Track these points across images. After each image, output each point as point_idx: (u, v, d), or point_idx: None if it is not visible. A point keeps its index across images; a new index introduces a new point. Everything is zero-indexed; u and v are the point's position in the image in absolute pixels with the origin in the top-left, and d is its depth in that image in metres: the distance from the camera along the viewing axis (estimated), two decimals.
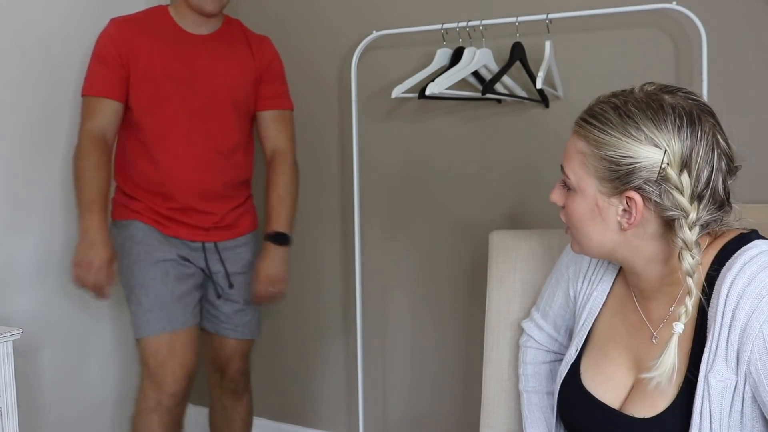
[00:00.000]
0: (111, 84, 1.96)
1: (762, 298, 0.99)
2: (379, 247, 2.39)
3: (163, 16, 2.04)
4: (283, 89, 2.17)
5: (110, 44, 1.97)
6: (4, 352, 1.80)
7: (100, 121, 1.97)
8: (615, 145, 1.05)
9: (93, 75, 1.99)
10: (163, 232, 2.02)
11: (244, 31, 2.13)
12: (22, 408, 1.90)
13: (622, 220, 1.08)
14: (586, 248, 1.16)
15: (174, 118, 1.99)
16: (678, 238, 1.04)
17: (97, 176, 1.94)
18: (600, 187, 1.08)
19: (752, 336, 0.99)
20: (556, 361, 1.44)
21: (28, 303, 2.20)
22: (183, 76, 1.98)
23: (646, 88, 1.10)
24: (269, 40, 2.17)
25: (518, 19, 1.90)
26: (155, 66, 1.97)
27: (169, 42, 1.99)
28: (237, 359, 2.17)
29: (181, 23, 2.03)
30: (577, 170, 1.11)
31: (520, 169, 2.15)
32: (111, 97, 1.97)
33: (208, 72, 2.01)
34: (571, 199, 1.13)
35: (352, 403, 2.49)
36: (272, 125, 2.13)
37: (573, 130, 1.13)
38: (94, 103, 1.98)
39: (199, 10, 1.97)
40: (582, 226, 1.13)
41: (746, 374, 1.01)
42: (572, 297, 1.33)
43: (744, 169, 1.85)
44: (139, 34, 1.98)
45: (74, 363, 2.36)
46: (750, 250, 1.03)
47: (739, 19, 1.85)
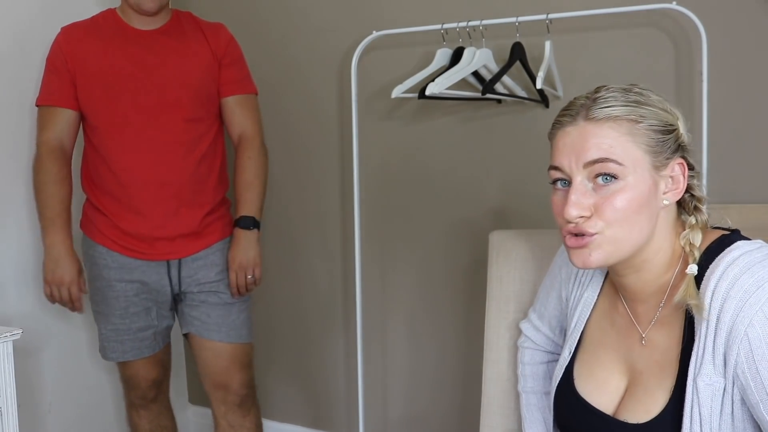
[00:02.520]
0: (62, 92, 1.94)
1: (746, 301, 0.99)
2: (379, 247, 2.39)
3: (111, 16, 2.02)
4: (243, 73, 2.10)
5: (58, 52, 1.95)
6: (4, 352, 1.80)
7: (56, 131, 1.95)
8: (653, 116, 1.07)
9: (45, 85, 1.98)
10: (126, 255, 1.98)
11: (196, 21, 2.08)
12: (22, 408, 1.90)
13: (669, 193, 1.09)
14: (623, 246, 1.06)
15: (125, 116, 1.93)
16: (700, 214, 1.10)
17: (58, 191, 1.93)
18: (654, 161, 1.07)
19: (738, 339, 0.99)
20: (553, 361, 1.44)
21: (28, 303, 2.20)
22: (132, 74, 1.94)
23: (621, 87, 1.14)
24: (223, 26, 2.10)
25: (518, 19, 1.90)
26: (103, 66, 1.94)
27: (117, 41, 1.96)
28: (236, 370, 2.05)
29: (128, 21, 1.99)
30: (630, 152, 1.05)
31: (520, 169, 2.15)
32: (63, 105, 1.95)
33: (158, 66, 1.96)
34: (621, 192, 1.05)
35: (352, 403, 2.49)
36: (237, 110, 2.06)
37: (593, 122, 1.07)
38: (47, 113, 1.96)
39: (138, 9, 1.94)
40: (637, 215, 1.05)
41: (734, 377, 1.01)
42: (564, 299, 1.33)
43: (744, 169, 1.86)
44: (86, 37, 1.96)
45: (74, 363, 2.36)
46: (732, 252, 1.03)
47: (739, 19, 1.85)
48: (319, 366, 2.57)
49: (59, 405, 2.32)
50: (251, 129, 2.07)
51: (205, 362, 2.05)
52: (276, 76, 2.50)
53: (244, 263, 1.99)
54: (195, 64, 1.99)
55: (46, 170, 1.93)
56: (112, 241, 1.98)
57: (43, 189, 1.93)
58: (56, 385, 2.30)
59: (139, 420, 2.16)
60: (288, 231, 2.54)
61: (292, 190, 2.53)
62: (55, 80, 1.95)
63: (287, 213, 2.55)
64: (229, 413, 2.08)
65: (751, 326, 0.98)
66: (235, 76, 2.06)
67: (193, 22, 2.07)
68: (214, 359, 2.04)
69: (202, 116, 2.00)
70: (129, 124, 1.94)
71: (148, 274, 2.00)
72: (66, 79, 1.94)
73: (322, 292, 2.52)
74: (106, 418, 2.48)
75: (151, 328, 2.05)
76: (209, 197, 2.02)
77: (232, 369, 2.04)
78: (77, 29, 1.99)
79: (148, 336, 2.05)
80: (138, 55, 1.95)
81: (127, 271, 1.99)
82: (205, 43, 2.02)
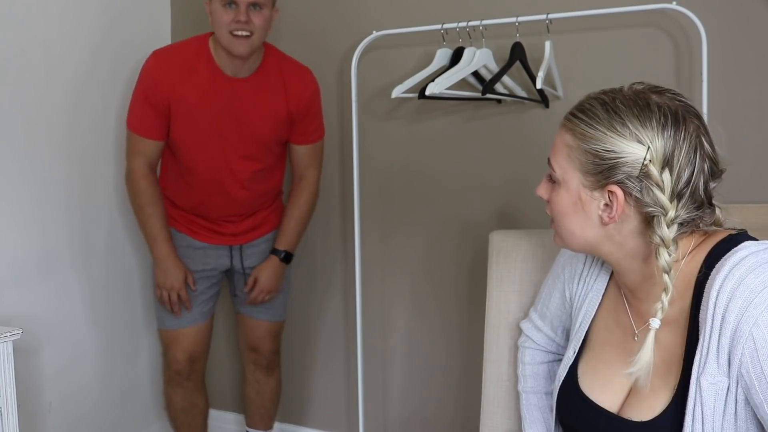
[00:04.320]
0: (156, 126, 2.11)
1: (751, 301, 0.99)
2: (378, 247, 2.39)
3: (205, 55, 2.09)
4: (315, 124, 2.24)
5: (156, 88, 2.06)
6: (4, 352, 1.80)
7: (148, 157, 2.15)
8: (600, 139, 1.07)
9: (139, 114, 2.12)
10: (194, 238, 2.25)
11: (281, 68, 2.15)
12: (22, 408, 1.90)
13: (603, 215, 1.10)
14: (568, 241, 1.17)
15: (208, 149, 2.13)
16: (656, 234, 1.06)
17: (156, 210, 2.17)
18: (583, 180, 1.10)
19: (742, 339, 0.99)
20: (554, 361, 1.44)
21: (28, 303, 2.20)
22: (220, 117, 2.09)
23: (635, 87, 1.12)
24: (308, 75, 2.20)
25: (518, 19, 1.90)
26: (195, 108, 2.08)
27: (211, 87, 2.08)
28: (269, 340, 2.37)
29: (220, 64, 2.08)
30: (562, 163, 1.13)
31: (520, 169, 2.15)
32: (157, 138, 2.13)
33: (240, 119, 2.11)
34: (556, 192, 1.15)
35: (352, 403, 2.49)
36: (303, 158, 2.25)
37: (561, 124, 1.15)
38: (141, 141, 2.14)
39: (229, 52, 2.03)
40: (564, 218, 1.15)
41: (738, 377, 1.01)
42: (568, 298, 1.33)
43: (744, 169, 1.85)
44: (183, 79, 2.06)
45: (74, 363, 2.36)
46: (739, 252, 1.03)
47: (739, 19, 1.85)
48: (320, 366, 2.57)
49: (59, 405, 2.32)
50: (313, 175, 2.28)
51: (244, 331, 2.40)
52: None
53: (266, 288, 2.26)
54: (271, 120, 2.14)
55: (142, 193, 2.16)
56: (185, 227, 2.26)
57: (142, 210, 2.17)
58: (56, 385, 2.30)
59: (175, 396, 2.35)
60: None
61: None
62: (151, 114, 2.09)
63: None
64: (257, 371, 2.42)
65: (756, 326, 0.98)
66: (306, 129, 2.22)
67: (278, 70, 2.15)
68: (253, 330, 2.37)
69: (271, 163, 2.22)
70: (207, 160, 2.15)
71: (211, 254, 2.28)
72: (162, 115, 2.09)
73: (322, 292, 2.52)
74: (106, 418, 2.48)
75: (207, 302, 2.31)
76: (268, 204, 2.31)
77: (267, 339, 2.37)
78: (174, 68, 2.07)
79: (203, 306, 2.29)
80: (226, 103, 2.09)
81: (194, 252, 2.26)
82: (284, 99, 2.14)
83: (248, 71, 2.10)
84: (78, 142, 2.33)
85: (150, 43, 2.58)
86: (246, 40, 1.99)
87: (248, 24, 1.98)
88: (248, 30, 1.98)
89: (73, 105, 2.31)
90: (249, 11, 1.98)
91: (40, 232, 2.24)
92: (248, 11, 1.98)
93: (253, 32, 1.99)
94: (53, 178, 2.26)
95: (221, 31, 2.00)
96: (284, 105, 2.13)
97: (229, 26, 1.98)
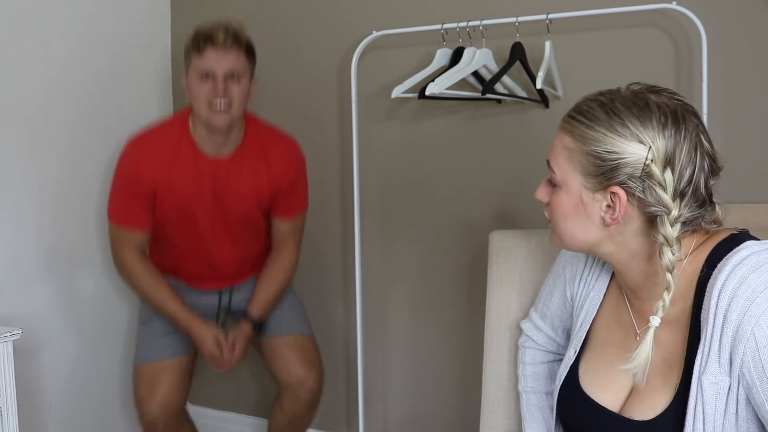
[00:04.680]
0: (142, 216, 2.07)
1: (753, 300, 0.99)
2: (378, 247, 2.39)
3: (184, 137, 2.05)
4: (300, 198, 2.20)
5: (137, 179, 2.02)
6: (4, 352, 1.80)
7: (137, 245, 2.11)
8: (600, 141, 1.07)
9: (122, 206, 2.08)
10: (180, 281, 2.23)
11: (264, 145, 2.10)
12: (22, 408, 1.90)
13: (606, 216, 1.10)
14: (568, 243, 1.17)
15: (192, 228, 2.11)
16: (659, 234, 1.06)
17: (159, 285, 2.11)
18: (585, 182, 1.10)
19: (744, 338, 0.99)
20: (554, 361, 1.44)
21: (28, 303, 2.20)
22: (204, 199, 2.07)
23: (633, 87, 1.12)
24: (291, 152, 2.15)
25: (518, 19, 1.90)
26: (179, 193, 2.04)
27: (193, 170, 2.04)
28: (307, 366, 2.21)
29: (201, 144, 2.04)
30: (562, 165, 1.12)
31: (520, 169, 2.15)
32: (144, 228, 2.10)
33: (226, 195, 2.08)
34: (556, 195, 1.14)
35: (352, 403, 2.49)
36: (283, 230, 2.20)
37: (560, 127, 1.15)
38: (126, 233, 2.10)
39: (208, 126, 1.99)
40: (565, 221, 1.14)
41: (739, 376, 1.01)
42: (569, 298, 1.33)
43: (744, 169, 1.85)
44: (165, 166, 2.02)
45: (74, 363, 2.36)
46: (741, 252, 1.03)
47: (739, 19, 1.85)
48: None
49: (59, 405, 2.32)
50: (291, 249, 2.22)
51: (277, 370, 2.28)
52: (276, 75, 2.50)
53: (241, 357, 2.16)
54: (254, 199, 2.11)
55: (140, 278, 2.10)
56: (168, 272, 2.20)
57: (149, 293, 2.11)
58: (56, 385, 2.30)
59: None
60: None
61: None
62: (135, 205, 2.06)
63: None
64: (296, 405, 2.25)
65: (758, 326, 0.98)
66: (289, 202, 2.18)
67: (260, 146, 2.10)
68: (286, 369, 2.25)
69: (256, 231, 2.20)
70: (192, 235, 2.12)
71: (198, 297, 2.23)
72: (147, 205, 2.05)
73: (322, 292, 2.52)
74: (106, 418, 2.48)
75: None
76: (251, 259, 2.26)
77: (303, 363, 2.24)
78: (155, 156, 2.02)
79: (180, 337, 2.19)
80: (210, 185, 2.06)
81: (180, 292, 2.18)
82: (267, 176, 2.10)
83: (230, 149, 2.05)
84: (78, 142, 2.33)
85: (150, 43, 2.59)
86: (224, 114, 1.95)
87: (226, 95, 1.94)
88: (226, 101, 1.94)
89: (73, 105, 2.32)
90: (227, 83, 1.94)
91: (40, 232, 2.24)
92: (226, 82, 1.94)
93: (231, 104, 1.95)
94: (53, 178, 2.26)
95: (199, 105, 1.96)
96: (267, 182, 2.10)
97: (206, 99, 1.94)
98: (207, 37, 1.94)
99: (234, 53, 1.94)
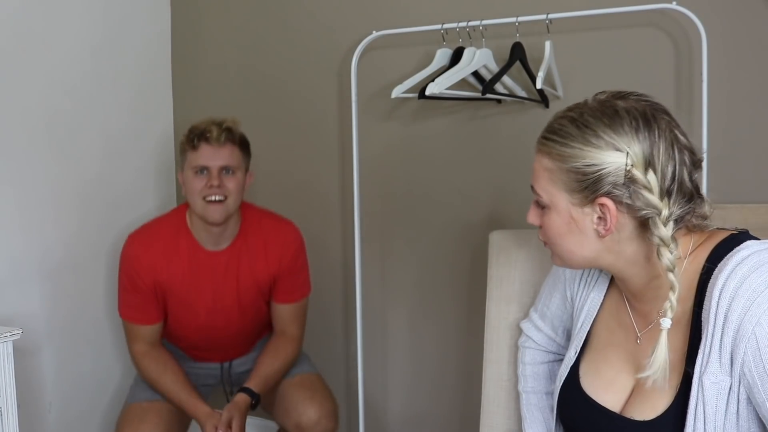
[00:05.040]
0: (149, 310, 2.08)
1: (754, 300, 0.99)
2: (378, 247, 2.39)
3: (182, 232, 2.08)
4: (300, 281, 2.19)
5: (138, 275, 2.04)
6: (4, 352, 1.80)
7: (149, 339, 2.10)
8: (578, 156, 1.08)
9: (128, 303, 2.09)
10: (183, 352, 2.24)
11: (261, 234, 2.11)
12: (22, 408, 1.90)
13: (599, 228, 1.10)
14: (568, 261, 1.17)
15: (193, 320, 2.12)
16: (654, 236, 1.06)
17: (175, 378, 2.07)
18: (571, 199, 1.11)
19: (745, 338, 0.99)
20: (554, 361, 1.44)
21: (28, 303, 2.20)
22: (204, 292, 2.08)
23: (599, 97, 1.13)
24: (288, 238, 2.15)
25: (518, 19, 1.90)
26: (179, 287, 2.07)
27: (192, 264, 2.07)
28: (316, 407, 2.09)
29: (199, 239, 2.07)
30: (546, 187, 1.13)
31: (520, 170, 2.14)
32: (153, 322, 2.10)
33: (225, 287, 2.10)
34: (547, 217, 1.15)
35: (352, 403, 2.49)
36: (285, 316, 2.18)
37: (536, 149, 1.16)
38: (136, 327, 2.10)
39: (204, 220, 2.01)
40: (561, 240, 1.15)
41: (740, 376, 1.01)
42: (569, 299, 1.33)
43: (744, 169, 1.86)
44: (164, 261, 2.05)
45: (74, 363, 2.36)
46: (741, 251, 1.03)
47: (739, 19, 1.85)
48: (319, 366, 2.56)
49: (59, 405, 2.32)
50: (295, 332, 2.19)
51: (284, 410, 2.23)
52: (276, 75, 2.50)
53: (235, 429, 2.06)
54: (254, 288, 2.12)
55: (153, 371, 2.08)
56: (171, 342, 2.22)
57: (165, 387, 2.06)
58: (56, 385, 2.30)
59: None
60: None
61: (293, 189, 2.53)
62: (140, 300, 2.07)
63: (287, 212, 2.55)
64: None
65: (759, 325, 0.98)
66: (290, 287, 2.16)
67: (257, 235, 2.11)
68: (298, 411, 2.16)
69: (258, 315, 2.18)
70: (193, 328, 2.14)
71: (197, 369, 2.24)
72: (151, 299, 2.07)
73: (322, 292, 2.52)
74: (106, 418, 2.48)
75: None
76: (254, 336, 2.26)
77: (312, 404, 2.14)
78: (154, 252, 2.05)
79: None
80: (209, 279, 2.08)
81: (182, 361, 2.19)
82: (265, 265, 2.11)
83: (227, 241, 2.08)
84: (78, 142, 2.34)
85: (150, 43, 2.59)
86: (220, 205, 1.97)
87: (221, 188, 1.96)
88: (221, 194, 1.96)
89: (74, 105, 2.32)
90: (221, 176, 1.97)
91: (40, 232, 2.24)
92: (221, 176, 1.97)
93: (226, 197, 1.97)
94: (53, 178, 2.26)
95: (195, 199, 1.98)
96: (265, 270, 2.11)
97: (201, 192, 1.97)
98: (201, 133, 1.98)
99: (228, 148, 1.99)
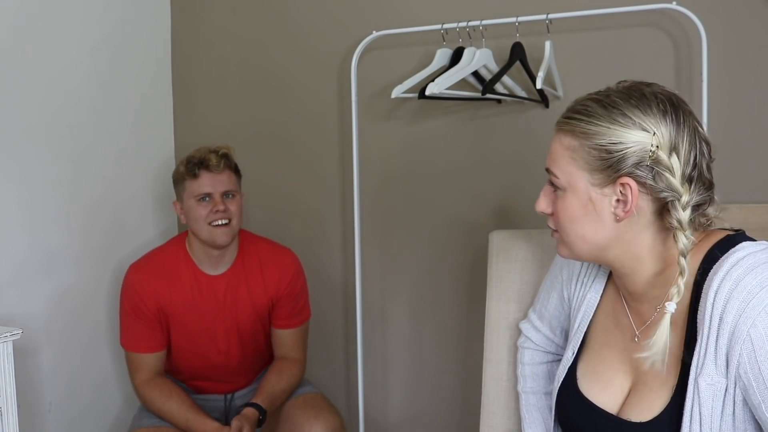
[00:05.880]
0: (151, 338, 2.11)
1: (749, 302, 0.99)
2: (378, 247, 2.39)
3: (182, 258, 2.12)
4: (299, 306, 2.21)
5: (140, 303, 2.08)
6: (4, 352, 1.80)
7: (152, 368, 2.12)
8: (604, 134, 1.07)
9: (131, 332, 2.11)
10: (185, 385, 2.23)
11: (259, 257, 2.16)
12: (22, 408, 1.90)
13: (617, 211, 1.09)
14: (578, 249, 1.15)
15: (195, 346, 2.14)
16: (673, 219, 1.06)
17: (180, 405, 2.06)
18: (591, 179, 1.09)
19: (740, 340, 0.99)
20: (553, 361, 1.44)
21: (28, 303, 2.20)
22: (205, 317, 2.11)
23: (623, 84, 1.12)
24: (286, 262, 2.19)
25: (518, 19, 1.90)
26: (181, 313, 2.10)
27: (193, 289, 2.11)
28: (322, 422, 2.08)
29: (199, 264, 2.12)
30: (565, 167, 1.12)
31: (520, 169, 2.15)
32: (156, 350, 2.12)
33: (225, 311, 2.13)
34: (561, 200, 1.13)
35: (352, 403, 2.49)
36: (287, 341, 2.21)
37: (557, 130, 1.15)
38: (138, 356, 2.12)
39: (212, 245, 2.06)
40: (575, 225, 1.13)
41: (736, 378, 1.01)
42: (566, 299, 1.33)
43: (744, 169, 1.86)
44: (166, 287, 2.09)
45: (74, 363, 2.36)
46: (737, 253, 1.03)
47: (739, 19, 1.85)
48: (319, 366, 2.56)
49: (59, 405, 2.32)
50: (297, 356, 2.22)
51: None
52: (276, 75, 2.50)
53: None
54: (254, 313, 2.15)
55: (157, 398, 2.08)
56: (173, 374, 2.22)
57: (171, 412, 2.06)
58: (56, 385, 2.30)
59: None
60: (288, 230, 2.54)
61: (292, 189, 2.53)
62: (142, 328, 2.10)
63: (287, 212, 2.55)
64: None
65: (754, 327, 0.98)
66: (290, 311, 2.19)
67: (255, 259, 2.16)
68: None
69: (259, 341, 2.20)
70: (196, 350, 2.15)
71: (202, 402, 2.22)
72: (154, 327, 2.10)
73: (322, 292, 2.52)
74: (106, 418, 2.48)
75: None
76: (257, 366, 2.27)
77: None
78: (156, 279, 2.09)
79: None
80: (211, 304, 2.12)
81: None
82: (263, 289, 2.15)
83: (227, 265, 2.13)
84: (78, 142, 2.34)
85: (150, 42, 2.59)
86: (226, 228, 2.04)
87: (226, 212, 2.04)
88: (226, 218, 2.04)
89: (74, 105, 2.32)
90: (224, 200, 2.05)
91: (40, 232, 2.24)
92: (224, 200, 2.05)
93: (230, 219, 2.05)
94: (53, 178, 2.26)
95: (200, 225, 2.04)
96: (264, 294, 2.15)
97: (207, 218, 2.03)
98: (200, 162, 2.05)
99: (227, 174, 2.08)
